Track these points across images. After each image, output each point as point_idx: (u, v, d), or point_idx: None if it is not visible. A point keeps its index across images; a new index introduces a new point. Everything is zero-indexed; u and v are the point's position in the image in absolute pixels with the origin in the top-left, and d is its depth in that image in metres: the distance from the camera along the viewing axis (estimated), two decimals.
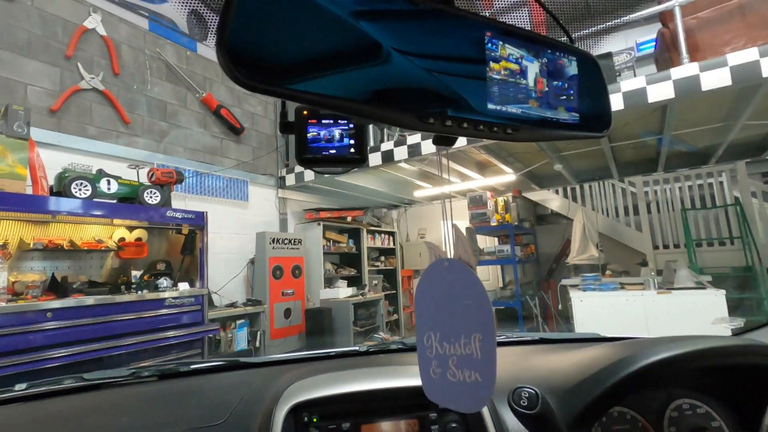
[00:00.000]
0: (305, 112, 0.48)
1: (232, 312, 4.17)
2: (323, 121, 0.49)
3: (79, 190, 2.86)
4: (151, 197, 3.25)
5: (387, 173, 5.32)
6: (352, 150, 0.49)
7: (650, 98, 3.18)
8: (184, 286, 3.34)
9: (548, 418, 0.55)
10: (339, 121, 0.49)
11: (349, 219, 5.94)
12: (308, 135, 0.48)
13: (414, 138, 4.36)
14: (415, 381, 0.51)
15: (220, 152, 4.81)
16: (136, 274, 3.31)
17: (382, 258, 6.90)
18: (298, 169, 5.23)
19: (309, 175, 5.10)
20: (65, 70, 3.51)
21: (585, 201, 7.05)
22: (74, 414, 0.82)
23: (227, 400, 0.80)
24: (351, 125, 0.49)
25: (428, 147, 4.18)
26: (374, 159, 4.57)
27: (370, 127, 4.95)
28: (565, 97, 0.43)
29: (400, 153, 4.40)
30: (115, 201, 3.10)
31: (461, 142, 4.06)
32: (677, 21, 3.10)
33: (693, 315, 3.56)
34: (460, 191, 6.45)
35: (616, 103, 3.29)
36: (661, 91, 3.14)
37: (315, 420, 0.68)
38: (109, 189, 3.05)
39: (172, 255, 3.64)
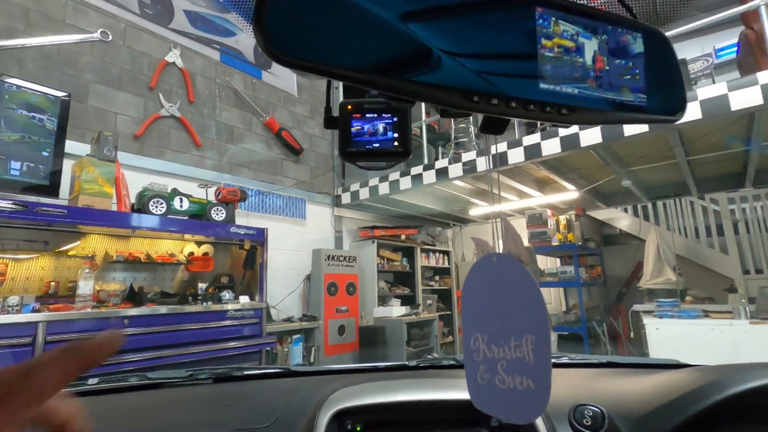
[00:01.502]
0: (349, 107, 0.48)
1: (288, 326, 4.27)
2: (367, 115, 0.48)
3: (156, 207, 3.11)
4: (217, 214, 3.46)
5: (442, 191, 5.27)
6: (396, 143, 0.48)
7: (733, 106, 2.90)
8: (244, 299, 3.48)
9: None
10: (383, 114, 0.48)
11: (403, 237, 5.93)
12: (352, 129, 0.48)
13: (469, 155, 4.30)
14: (466, 394, 0.47)
15: (281, 172, 5.05)
16: (202, 286, 3.52)
17: (437, 277, 6.78)
18: (354, 187, 5.33)
19: (364, 193, 5.18)
20: (148, 99, 3.90)
21: (659, 220, 6.49)
22: (136, 409, 0.86)
23: (275, 404, 0.80)
24: (395, 118, 0.48)
25: (483, 164, 4.09)
26: (428, 177, 4.56)
27: (424, 139, 4.96)
28: (629, 76, 0.39)
29: (455, 170, 4.35)
30: (186, 217, 3.34)
31: (518, 157, 3.94)
32: (763, 21, 2.82)
33: None
34: (517, 209, 6.22)
35: (693, 112, 3.03)
36: (746, 98, 2.85)
37: (359, 429, 0.65)
38: (181, 206, 3.30)
39: (235, 269, 3.83)
